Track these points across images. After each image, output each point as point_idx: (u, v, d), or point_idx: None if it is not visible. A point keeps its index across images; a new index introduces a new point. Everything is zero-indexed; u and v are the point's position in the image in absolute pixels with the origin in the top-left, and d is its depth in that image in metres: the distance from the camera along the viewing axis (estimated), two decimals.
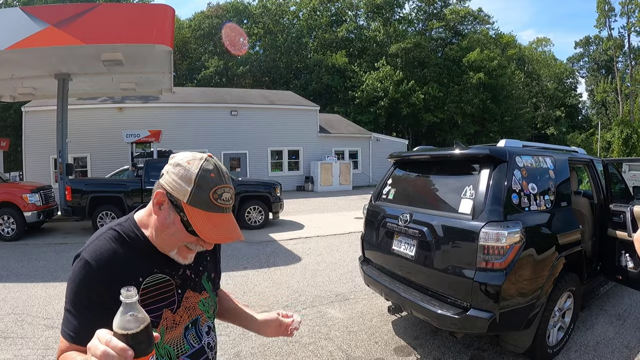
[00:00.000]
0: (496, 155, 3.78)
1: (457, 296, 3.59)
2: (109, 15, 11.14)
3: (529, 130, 50.28)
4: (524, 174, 3.84)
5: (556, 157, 4.37)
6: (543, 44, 63.88)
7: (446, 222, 3.80)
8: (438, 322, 3.64)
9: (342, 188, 25.31)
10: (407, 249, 4.13)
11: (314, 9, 50.83)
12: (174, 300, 1.37)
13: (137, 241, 1.34)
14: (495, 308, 3.32)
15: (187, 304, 1.41)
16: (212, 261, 1.63)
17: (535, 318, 3.59)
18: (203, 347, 1.46)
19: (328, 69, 43.88)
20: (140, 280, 1.29)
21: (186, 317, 1.41)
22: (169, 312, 1.35)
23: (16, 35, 10.32)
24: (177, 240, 1.31)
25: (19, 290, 6.69)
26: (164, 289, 1.35)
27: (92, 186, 12.17)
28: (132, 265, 1.29)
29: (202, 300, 1.48)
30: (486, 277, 3.36)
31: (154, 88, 16.90)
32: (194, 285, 1.46)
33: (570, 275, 4.01)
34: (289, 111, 26.60)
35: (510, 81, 46.68)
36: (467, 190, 3.82)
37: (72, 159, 19.00)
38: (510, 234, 3.37)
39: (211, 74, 45.93)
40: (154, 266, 1.34)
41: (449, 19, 49.16)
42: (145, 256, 1.33)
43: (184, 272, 1.42)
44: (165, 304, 1.34)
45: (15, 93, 15.91)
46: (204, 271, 1.54)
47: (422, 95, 40.39)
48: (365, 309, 5.55)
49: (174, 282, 1.38)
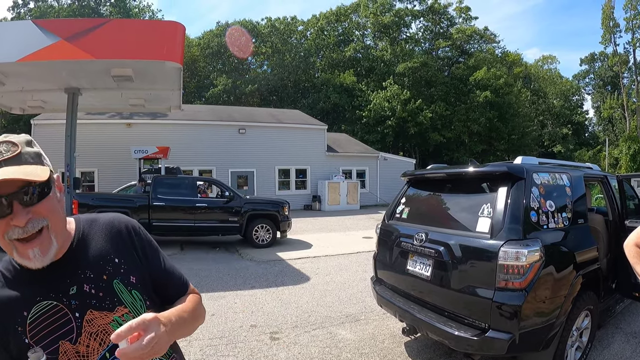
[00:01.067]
0: (514, 173, 3.71)
1: (475, 317, 3.48)
2: (120, 31, 11.19)
3: (536, 148, 50.34)
4: (542, 191, 3.78)
5: (572, 174, 4.31)
6: (549, 61, 64.17)
7: (463, 241, 3.71)
8: (455, 344, 3.55)
9: (349, 207, 25.17)
10: (422, 269, 4.03)
11: (322, 29, 51.34)
12: (70, 328, 1.16)
13: (14, 273, 1.19)
14: (514, 329, 3.22)
15: (91, 329, 1.17)
16: (127, 261, 1.31)
17: (554, 338, 3.50)
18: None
19: (336, 88, 44.14)
20: (25, 315, 1.14)
21: (95, 345, 1.17)
22: (67, 344, 1.14)
23: (27, 48, 10.36)
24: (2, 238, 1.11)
25: None
26: (52, 317, 1.15)
27: (99, 201, 12.16)
28: (11, 304, 1.14)
29: (116, 320, 1.20)
30: (505, 297, 3.27)
31: (162, 105, 16.94)
32: (98, 302, 1.20)
33: (587, 293, 3.91)
34: (297, 130, 26.66)
35: (516, 99, 46.84)
36: (485, 209, 3.74)
37: (80, 173, 19.00)
38: (530, 253, 3.29)
39: (219, 92, 46.25)
40: (37, 294, 1.16)
41: (455, 38, 49.46)
42: (26, 287, 1.17)
43: (79, 290, 1.19)
44: (58, 335, 1.14)
45: (25, 105, 15.98)
46: (112, 279, 1.24)
47: (429, 114, 40.47)
48: (376, 330, 5.42)
49: (64, 306, 1.16)
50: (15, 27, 12.56)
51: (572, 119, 56.39)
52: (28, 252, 1.11)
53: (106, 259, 1.26)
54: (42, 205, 1.12)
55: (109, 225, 1.36)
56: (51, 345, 1.12)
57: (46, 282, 1.18)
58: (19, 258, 1.13)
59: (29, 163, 1.12)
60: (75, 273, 1.21)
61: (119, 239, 1.33)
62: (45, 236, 1.13)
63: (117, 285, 1.24)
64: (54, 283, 1.18)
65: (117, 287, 1.24)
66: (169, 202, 11.84)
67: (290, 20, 52.74)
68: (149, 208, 11.69)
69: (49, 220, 1.14)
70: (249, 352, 4.57)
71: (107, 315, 1.20)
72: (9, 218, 1.07)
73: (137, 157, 18.38)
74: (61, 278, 1.18)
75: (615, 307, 4.94)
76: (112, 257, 1.28)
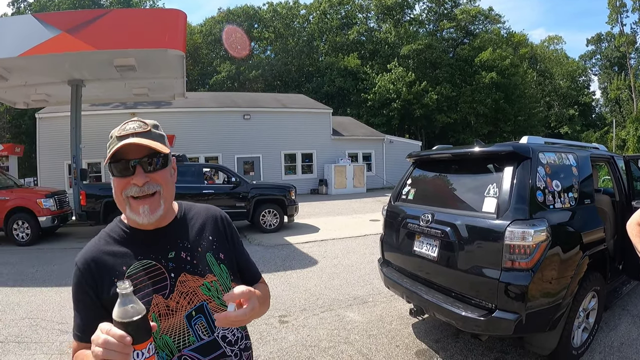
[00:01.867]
0: (520, 152, 3.67)
1: (482, 297, 3.47)
2: (121, 21, 11.17)
3: (542, 129, 49.86)
4: (548, 171, 3.74)
5: (578, 154, 4.25)
6: (555, 42, 63.23)
7: (470, 222, 3.69)
8: (462, 325, 3.54)
9: (356, 191, 25.19)
10: (429, 250, 4.03)
11: (324, 12, 50.92)
12: (165, 284, 1.31)
13: (120, 234, 1.39)
14: (521, 309, 3.21)
15: (183, 289, 1.33)
16: (218, 240, 1.50)
17: (560, 319, 3.47)
18: (215, 340, 1.32)
19: (340, 72, 43.93)
20: (123, 270, 1.30)
21: (184, 303, 1.31)
22: (160, 298, 1.29)
23: (29, 42, 10.38)
24: (118, 193, 1.32)
25: (33, 295, 6.70)
26: (150, 274, 1.31)
27: (106, 191, 12.18)
28: (114, 259, 1.32)
29: (205, 284, 1.36)
30: (512, 278, 3.25)
31: (166, 93, 16.97)
32: (191, 268, 1.36)
33: (594, 274, 3.88)
34: (302, 114, 26.65)
35: (522, 80, 46.25)
36: (491, 189, 3.71)
37: (86, 165, 19.13)
38: (537, 233, 3.26)
39: (223, 79, 46.20)
40: (139, 254, 1.34)
41: (459, 19, 48.90)
42: (129, 247, 1.35)
43: (177, 255, 1.37)
44: (153, 289, 1.29)
45: (29, 100, 16.06)
46: (205, 251, 1.43)
47: (434, 96, 40.20)
48: (384, 312, 5.45)
49: (161, 266, 1.33)
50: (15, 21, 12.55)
51: (579, 100, 55.76)
52: (139, 208, 1.31)
53: (202, 235, 1.47)
54: (158, 174, 1.34)
55: (206, 210, 1.59)
56: (145, 297, 1.26)
57: (149, 245, 1.36)
58: (130, 213, 1.33)
59: (155, 139, 1.33)
60: (175, 241, 1.40)
61: (213, 222, 1.54)
62: (156, 199, 1.33)
63: (209, 257, 1.42)
64: (155, 246, 1.36)
65: (209, 259, 1.42)
66: (176, 190, 11.81)
67: (292, 4, 52.45)
68: None
69: (162, 188, 1.35)
70: (258, 335, 4.61)
71: (198, 279, 1.36)
72: (130, 178, 1.29)
73: None
74: (162, 243, 1.37)
75: (622, 289, 4.90)
76: (207, 235, 1.48)
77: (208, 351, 1.29)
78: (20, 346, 4.67)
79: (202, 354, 1.28)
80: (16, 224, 11.08)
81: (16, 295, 6.70)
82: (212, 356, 1.29)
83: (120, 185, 1.30)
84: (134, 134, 1.29)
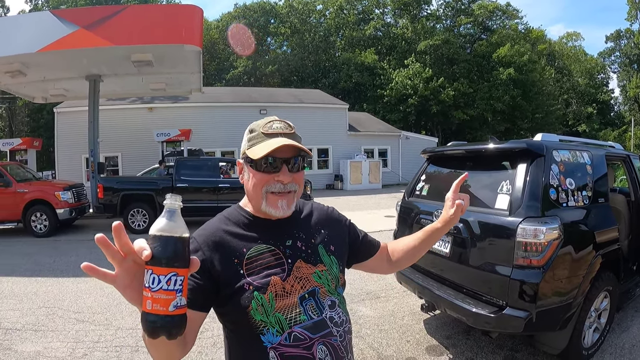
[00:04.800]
0: (533, 149, 3.66)
1: (493, 294, 3.48)
2: (138, 17, 11.30)
3: (560, 127, 49.20)
4: (562, 168, 3.71)
5: (593, 152, 4.21)
6: (573, 38, 62.03)
7: (482, 218, 3.69)
8: (472, 321, 3.54)
9: (371, 186, 25.17)
10: (441, 246, 4.03)
11: (341, 7, 50.73)
12: (283, 268, 1.38)
13: (240, 219, 1.47)
14: (532, 307, 3.20)
15: (298, 274, 1.40)
16: (329, 234, 1.58)
17: (571, 318, 3.45)
18: (324, 320, 1.38)
19: (357, 67, 43.75)
20: (244, 252, 1.37)
21: (298, 287, 1.38)
22: (277, 279, 1.36)
23: (47, 38, 10.55)
24: (258, 187, 1.39)
25: (51, 285, 6.83)
26: (269, 257, 1.39)
27: (123, 184, 12.35)
28: (235, 240, 1.39)
29: (317, 272, 1.44)
30: (523, 275, 3.25)
31: (183, 88, 17.09)
32: (306, 257, 1.45)
33: (607, 274, 3.85)
34: (318, 109, 26.64)
35: (540, 77, 45.64)
36: (504, 186, 3.71)
37: (104, 158, 19.32)
38: (549, 230, 3.25)
39: (240, 74, 46.28)
40: (259, 239, 1.41)
41: (477, 15, 48.35)
42: (249, 231, 1.43)
43: (293, 244, 1.45)
44: (272, 271, 1.36)
45: (48, 94, 16.28)
46: (318, 243, 1.51)
47: (451, 92, 39.88)
48: (396, 307, 5.47)
49: (279, 251, 1.40)
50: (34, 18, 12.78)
51: (597, 98, 54.75)
52: (277, 202, 1.38)
53: (316, 228, 1.56)
54: (299, 175, 1.42)
55: (317, 206, 1.70)
56: (265, 277, 1.34)
57: (269, 232, 1.43)
58: (266, 206, 1.39)
59: (299, 142, 1.39)
60: (292, 232, 1.48)
61: (325, 216, 1.65)
62: (292, 197, 1.42)
63: (321, 248, 1.50)
64: (275, 234, 1.44)
65: (320, 250, 1.50)
66: (192, 184, 12.01)
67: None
68: (172, 190, 11.80)
69: (298, 188, 1.43)
70: None
71: (310, 267, 1.44)
72: (275, 175, 1.37)
73: (160, 140, 18.58)
74: (281, 232, 1.45)
75: (636, 290, 4.81)
76: (319, 229, 1.57)
77: (317, 329, 1.35)
78: (37, 334, 4.78)
79: (311, 331, 1.34)
80: (34, 215, 11.28)
81: (34, 285, 6.84)
82: (320, 334, 1.35)
83: (263, 180, 1.38)
84: (282, 134, 1.37)
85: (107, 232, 0.90)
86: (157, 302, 0.86)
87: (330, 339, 1.36)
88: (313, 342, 1.33)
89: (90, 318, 5.33)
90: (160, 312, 0.86)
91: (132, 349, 4.41)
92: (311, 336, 1.33)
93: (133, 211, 11.88)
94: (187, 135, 18.56)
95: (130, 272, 0.92)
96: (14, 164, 14.02)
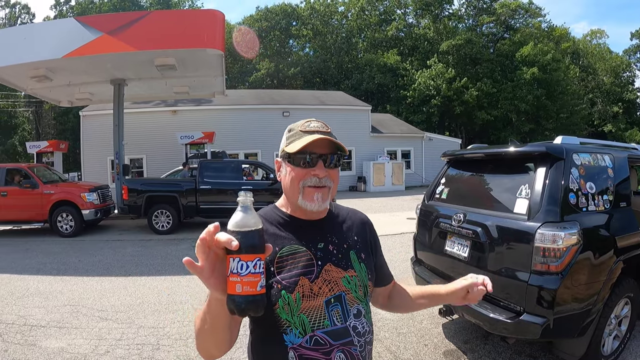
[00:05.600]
0: (553, 153, 3.62)
1: (511, 300, 3.46)
2: (160, 22, 11.50)
3: (585, 127, 48.21)
4: (582, 172, 3.66)
5: (615, 155, 4.12)
6: (597, 36, 60.36)
7: (501, 223, 3.68)
8: (490, 326, 3.53)
9: (394, 188, 25.09)
10: (460, 250, 4.03)
11: (362, 9, 50.66)
12: (312, 270, 1.40)
13: (275, 218, 1.50)
14: (549, 313, 3.18)
15: (326, 277, 1.42)
16: (361, 242, 1.60)
17: (590, 325, 3.40)
18: (347, 328, 1.39)
19: (380, 68, 43.57)
20: (276, 250, 1.40)
21: (326, 289, 1.40)
22: (305, 280, 1.38)
23: (72, 44, 10.81)
24: (295, 181, 1.42)
25: (76, 284, 7.01)
26: (300, 257, 1.41)
27: (147, 186, 12.53)
28: (268, 238, 1.38)
29: (346, 277, 1.46)
30: (541, 281, 3.22)
31: (206, 91, 17.29)
32: (336, 260, 1.46)
33: (628, 280, 3.79)
34: (341, 111, 26.66)
35: (565, 76, 44.66)
36: (523, 190, 3.68)
37: (129, 160, 19.65)
38: (567, 236, 3.22)
39: (262, 76, 46.55)
40: (292, 239, 1.44)
41: (499, 13, 47.68)
42: (283, 231, 1.46)
43: (325, 247, 1.47)
44: (301, 272, 1.38)
45: (73, 98, 16.63)
46: (350, 249, 1.52)
47: (475, 93, 39.44)
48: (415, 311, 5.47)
49: (310, 253, 1.43)
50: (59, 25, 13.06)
51: (623, 97, 53.25)
52: (314, 195, 1.41)
53: (349, 234, 1.58)
54: (334, 171, 1.45)
55: (354, 213, 1.72)
56: (293, 277, 1.37)
57: (302, 233, 1.46)
58: (302, 200, 1.42)
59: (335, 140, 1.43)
60: (325, 235, 1.50)
61: (360, 225, 1.67)
62: (327, 191, 1.43)
63: (352, 254, 1.51)
64: (308, 235, 1.46)
65: (352, 256, 1.51)
66: (215, 185, 12.13)
67: (330, 1, 52.28)
68: (196, 192, 12.03)
69: (333, 185, 1.45)
70: None
71: (340, 271, 1.45)
72: (312, 169, 1.39)
73: (183, 142, 18.78)
74: (314, 234, 1.47)
75: None
76: (352, 234, 1.59)
77: (338, 336, 1.36)
78: (61, 331, 4.92)
79: (333, 338, 1.35)
80: (60, 216, 11.59)
81: (59, 283, 7.03)
82: (341, 342, 1.36)
83: (300, 175, 1.41)
84: (319, 132, 1.42)
85: (133, 233, 0.95)
86: (246, 284, 0.99)
87: (350, 347, 1.37)
88: (333, 348, 1.34)
89: (113, 316, 5.46)
90: (250, 293, 0.99)
91: (153, 346, 4.51)
92: (332, 342, 1.35)
93: (157, 212, 12.04)
94: (210, 137, 18.73)
95: (211, 263, 1.04)
96: (41, 166, 14.35)
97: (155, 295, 6.35)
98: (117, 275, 7.57)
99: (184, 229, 12.54)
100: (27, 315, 5.51)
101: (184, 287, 6.74)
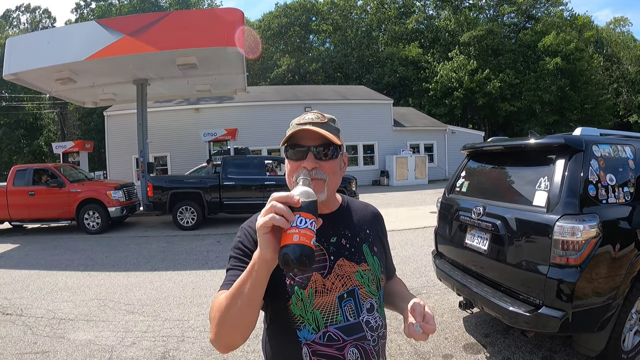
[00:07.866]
0: (572, 145, 3.57)
1: (530, 293, 3.44)
2: (180, 22, 11.64)
3: (610, 118, 47.01)
4: (602, 164, 3.60)
5: (636, 146, 4.03)
6: (621, 24, 58.58)
7: (520, 215, 3.66)
8: (509, 320, 3.50)
9: (417, 182, 25.00)
10: (480, 243, 4.03)
11: (382, 2, 50.37)
12: (324, 265, 1.41)
13: None
14: (568, 307, 3.15)
15: (339, 272, 1.42)
16: (374, 235, 1.60)
17: (610, 320, 3.34)
18: (359, 324, 1.39)
19: (401, 61, 43.24)
20: None
21: (339, 284, 1.40)
22: (318, 276, 1.38)
23: (94, 47, 11.05)
24: (290, 176, 1.43)
25: (103, 279, 7.21)
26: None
27: (172, 183, 12.71)
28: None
29: (359, 271, 1.45)
30: (560, 274, 3.20)
31: (228, 88, 17.42)
32: (349, 254, 1.46)
33: None
34: (362, 106, 26.67)
35: (589, 66, 43.57)
36: (542, 182, 3.65)
37: (153, 158, 19.91)
38: (587, 228, 3.18)
39: (284, 72, 46.66)
40: None
41: (520, 3, 46.67)
42: None
43: (338, 241, 1.47)
44: (314, 267, 1.38)
45: (97, 99, 16.95)
46: (362, 242, 1.52)
47: (497, 84, 38.83)
48: (437, 304, 5.50)
49: (323, 248, 1.42)
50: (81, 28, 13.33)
51: None
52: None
53: (361, 227, 1.57)
54: (328, 163, 1.42)
55: (365, 206, 1.72)
56: (306, 272, 1.37)
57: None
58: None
59: (330, 131, 1.41)
60: (337, 229, 1.50)
61: (372, 218, 1.67)
62: (321, 184, 1.41)
63: (365, 248, 1.51)
64: (320, 230, 1.36)
65: (365, 249, 1.51)
66: (239, 182, 12.27)
67: None
68: (219, 188, 12.18)
69: (328, 177, 1.42)
70: None
71: (353, 266, 1.45)
72: (302, 162, 1.39)
73: (207, 139, 18.98)
74: (326, 228, 1.42)
75: None
76: (365, 228, 1.59)
77: (351, 332, 1.37)
78: (88, 324, 5.10)
79: (346, 333, 1.36)
80: (87, 214, 11.89)
81: (86, 278, 7.25)
82: (354, 337, 1.37)
83: (293, 168, 1.42)
84: (311, 123, 1.41)
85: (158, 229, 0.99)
86: (303, 235, 1.07)
87: (363, 342, 1.38)
88: (346, 343, 1.35)
89: (139, 310, 5.61)
90: (305, 243, 1.06)
91: (179, 338, 4.64)
92: (345, 338, 1.36)
93: (182, 209, 12.21)
94: (233, 134, 18.91)
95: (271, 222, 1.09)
96: (67, 165, 14.72)
97: (180, 289, 6.48)
98: (143, 270, 7.74)
99: (208, 224, 12.70)
100: (55, 309, 5.70)
101: (208, 281, 6.87)
